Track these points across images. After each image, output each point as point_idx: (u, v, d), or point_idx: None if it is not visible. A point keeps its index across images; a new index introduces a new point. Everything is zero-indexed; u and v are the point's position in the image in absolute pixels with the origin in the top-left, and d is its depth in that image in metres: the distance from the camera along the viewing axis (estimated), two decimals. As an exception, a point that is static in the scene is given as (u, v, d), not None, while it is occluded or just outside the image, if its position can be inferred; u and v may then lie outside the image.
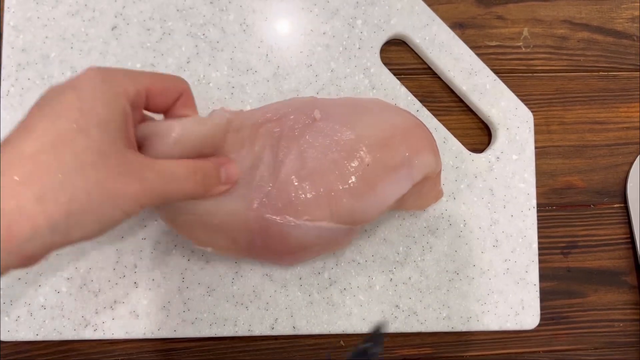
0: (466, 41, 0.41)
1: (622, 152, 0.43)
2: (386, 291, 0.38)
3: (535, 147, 0.41)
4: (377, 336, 0.33)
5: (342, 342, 0.40)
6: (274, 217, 0.32)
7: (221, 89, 0.39)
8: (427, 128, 0.36)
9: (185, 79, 0.38)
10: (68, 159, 0.23)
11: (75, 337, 0.36)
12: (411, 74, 0.42)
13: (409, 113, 0.36)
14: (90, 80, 0.26)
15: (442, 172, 0.40)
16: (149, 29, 0.39)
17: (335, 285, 0.38)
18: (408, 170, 0.33)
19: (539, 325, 0.40)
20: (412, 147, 0.34)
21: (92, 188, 0.24)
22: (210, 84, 0.39)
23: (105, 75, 0.26)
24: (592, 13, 0.44)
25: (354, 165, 0.32)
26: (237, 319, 0.37)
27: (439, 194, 0.38)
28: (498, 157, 0.41)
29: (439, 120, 0.40)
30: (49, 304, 0.36)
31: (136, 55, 0.38)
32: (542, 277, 0.41)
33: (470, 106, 0.42)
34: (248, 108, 0.38)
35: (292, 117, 0.34)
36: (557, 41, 0.43)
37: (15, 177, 0.22)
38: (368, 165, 0.32)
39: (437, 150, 0.36)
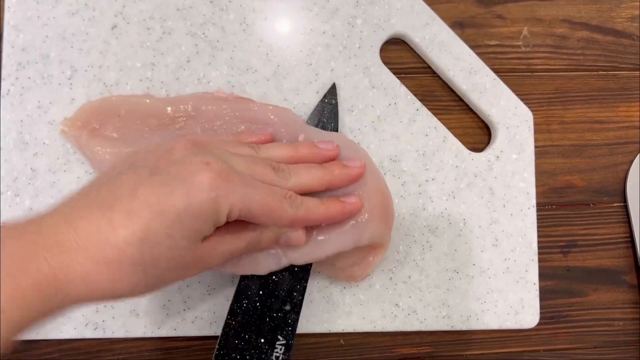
0: (466, 40, 0.41)
1: (621, 152, 0.43)
2: (386, 290, 0.38)
3: (535, 147, 0.41)
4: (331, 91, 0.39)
5: (342, 341, 0.40)
6: None
7: (221, 88, 0.39)
8: (390, 200, 0.35)
9: (185, 78, 0.38)
10: (147, 257, 0.25)
11: (76, 336, 0.36)
12: (411, 73, 0.42)
13: (382, 180, 0.36)
14: (203, 186, 0.26)
15: (442, 171, 0.40)
16: (149, 28, 0.39)
17: (335, 284, 0.38)
18: (359, 228, 0.33)
19: (539, 324, 0.40)
20: (370, 210, 0.33)
21: (163, 276, 0.27)
22: (211, 83, 0.39)
23: (221, 182, 0.26)
24: (592, 12, 0.44)
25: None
26: (237, 318, 0.37)
27: (363, 273, 0.36)
28: (498, 157, 0.41)
29: (439, 120, 0.40)
30: (49, 303, 0.36)
31: (136, 54, 0.38)
32: (542, 276, 0.41)
33: (470, 105, 0.42)
34: (248, 107, 0.38)
35: (282, 130, 0.35)
36: (557, 40, 0.43)
37: (95, 255, 0.24)
38: None
39: (391, 226, 0.35)
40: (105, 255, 0.24)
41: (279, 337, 0.33)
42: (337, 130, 0.38)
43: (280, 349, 0.33)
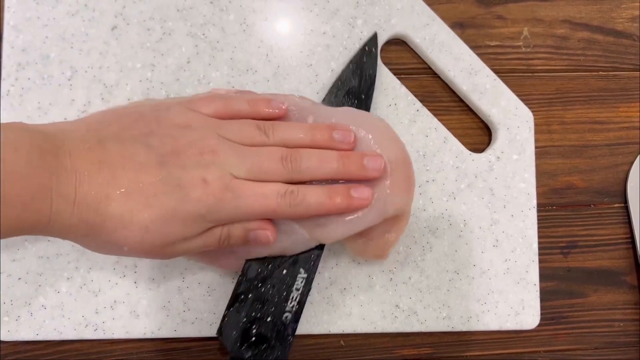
0: (466, 41, 0.41)
1: (622, 152, 0.43)
2: (386, 291, 0.38)
3: (536, 147, 0.41)
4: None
5: (342, 342, 0.40)
6: None
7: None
8: (412, 167, 0.34)
9: (185, 79, 0.38)
10: (117, 234, 0.28)
11: (76, 337, 0.36)
12: (411, 74, 0.42)
13: (403, 145, 0.34)
14: (194, 202, 0.28)
15: (443, 172, 0.40)
16: (149, 29, 0.39)
17: (335, 285, 0.38)
18: (383, 203, 0.32)
19: (539, 325, 0.40)
20: (394, 182, 0.32)
21: (115, 249, 0.29)
22: (211, 84, 0.39)
23: (212, 200, 0.29)
24: (592, 13, 0.44)
25: (332, 181, 0.32)
26: (237, 319, 0.37)
27: (388, 246, 0.35)
28: (498, 157, 0.41)
29: (439, 120, 0.40)
30: (49, 304, 0.36)
31: (136, 55, 0.38)
32: (542, 277, 0.41)
33: (471, 106, 0.42)
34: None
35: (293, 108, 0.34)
36: (557, 41, 0.43)
37: (80, 212, 0.27)
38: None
39: (413, 193, 0.35)
40: (91, 222, 0.27)
41: (301, 269, 0.33)
42: (374, 79, 0.38)
43: (301, 282, 0.33)
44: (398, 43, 0.42)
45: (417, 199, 0.39)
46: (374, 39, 0.39)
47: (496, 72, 0.41)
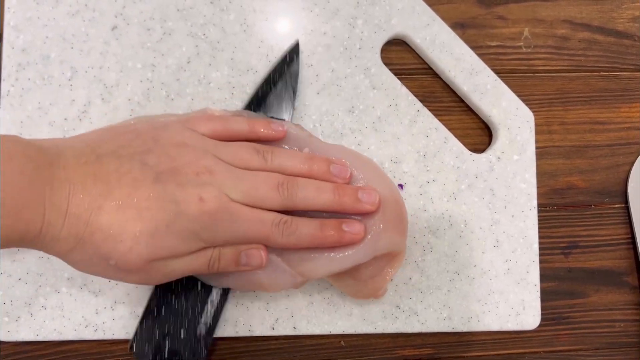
0: (467, 41, 0.41)
1: (623, 152, 0.43)
2: (387, 291, 0.38)
3: (536, 148, 0.41)
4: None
5: (342, 343, 0.39)
6: None
7: (222, 89, 0.38)
8: (405, 208, 0.35)
9: (186, 79, 0.38)
10: (106, 248, 0.27)
11: (76, 338, 0.36)
12: (412, 74, 0.42)
13: (394, 185, 0.35)
14: (190, 219, 0.28)
15: (443, 172, 0.40)
16: (149, 29, 0.39)
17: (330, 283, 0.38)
18: (374, 240, 0.32)
19: (540, 325, 0.40)
20: (386, 220, 0.32)
21: (106, 268, 0.29)
22: (211, 84, 0.38)
23: (207, 219, 0.28)
24: (593, 13, 0.44)
25: (324, 215, 0.32)
26: (238, 320, 0.37)
27: (380, 286, 0.35)
28: (499, 157, 0.41)
29: (440, 120, 0.40)
30: (49, 305, 0.36)
31: (136, 55, 0.38)
32: (543, 277, 0.41)
33: (471, 106, 0.42)
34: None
35: (285, 146, 0.34)
36: (558, 41, 0.43)
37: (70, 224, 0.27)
38: None
39: (406, 234, 0.35)
40: (80, 235, 0.26)
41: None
42: (295, 95, 0.37)
43: (216, 295, 0.34)
44: (398, 43, 0.42)
45: (417, 199, 0.39)
46: (295, 48, 0.39)
47: (497, 72, 0.41)
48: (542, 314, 0.40)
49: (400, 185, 0.38)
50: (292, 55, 0.38)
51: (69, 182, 0.27)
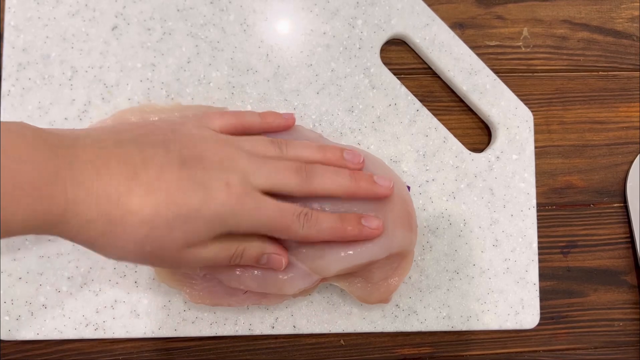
0: (466, 41, 0.41)
1: (621, 152, 0.43)
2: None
3: (535, 147, 0.41)
4: None
5: (342, 342, 0.40)
6: None
7: (222, 89, 0.39)
8: (413, 207, 0.35)
9: (186, 79, 0.38)
10: (140, 233, 0.26)
11: (76, 337, 0.36)
12: (411, 74, 0.42)
13: (404, 185, 0.36)
14: (218, 203, 0.28)
15: (443, 172, 0.40)
16: (149, 29, 0.39)
17: (335, 285, 0.38)
18: (390, 236, 0.33)
19: (539, 324, 0.40)
20: (396, 217, 0.33)
21: (139, 253, 0.28)
22: (211, 84, 0.39)
23: (235, 204, 0.28)
24: (592, 13, 0.44)
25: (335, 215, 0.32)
26: (238, 318, 0.37)
27: (392, 289, 0.35)
28: (498, 157, 0.41)
29: (439, 120, 0.40)
30: (49, 304, 0.36)
31: (136, 55, 0.38)
32: (542, 276, 0.41)
33: (470, 106, 0.42)
34: (248, 108, 0.39)
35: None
36: (557, 41, 0.43)
37: (100, 211, 0.26)
38: None
39: (417, 233, 0.35)
40: (111, 216, 0.25)
41: None
42: None
43: None
44: (398, 43, 0.42)
45: (417, 198, 0.39)
46: None
47: (496, 72, 0.41)
48: (541, 313, 0.40)
49: (407, 187, 0.38)
50: None
51: (92, 162, 0.25)
